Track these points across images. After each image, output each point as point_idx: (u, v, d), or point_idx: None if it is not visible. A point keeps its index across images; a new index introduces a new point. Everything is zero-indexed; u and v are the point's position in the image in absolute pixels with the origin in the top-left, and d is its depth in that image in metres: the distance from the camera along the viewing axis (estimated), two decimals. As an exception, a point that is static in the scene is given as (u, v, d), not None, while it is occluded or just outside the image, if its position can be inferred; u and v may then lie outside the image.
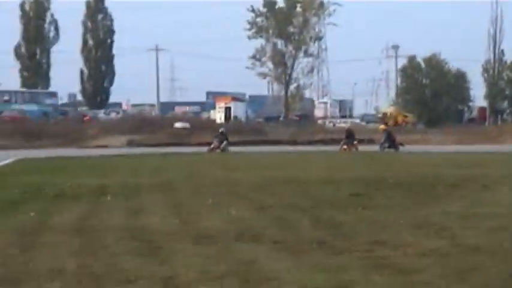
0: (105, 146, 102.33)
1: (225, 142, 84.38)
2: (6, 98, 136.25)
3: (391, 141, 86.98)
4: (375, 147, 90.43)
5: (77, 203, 31.11)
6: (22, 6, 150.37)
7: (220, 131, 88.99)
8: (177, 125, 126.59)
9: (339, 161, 62.04)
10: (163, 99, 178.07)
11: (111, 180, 42.27)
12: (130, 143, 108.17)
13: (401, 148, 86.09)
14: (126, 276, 16.13)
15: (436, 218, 25.43)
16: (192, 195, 34.27)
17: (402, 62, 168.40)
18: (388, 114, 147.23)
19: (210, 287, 15.04)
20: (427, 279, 15.59)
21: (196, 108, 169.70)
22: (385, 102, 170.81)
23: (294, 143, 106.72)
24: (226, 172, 49.58)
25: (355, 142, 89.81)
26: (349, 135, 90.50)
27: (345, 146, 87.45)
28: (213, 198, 32.28)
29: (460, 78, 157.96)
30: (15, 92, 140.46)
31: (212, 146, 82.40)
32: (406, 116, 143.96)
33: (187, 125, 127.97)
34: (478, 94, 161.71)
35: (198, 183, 40.85)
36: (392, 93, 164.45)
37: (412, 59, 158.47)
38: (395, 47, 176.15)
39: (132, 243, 20.74)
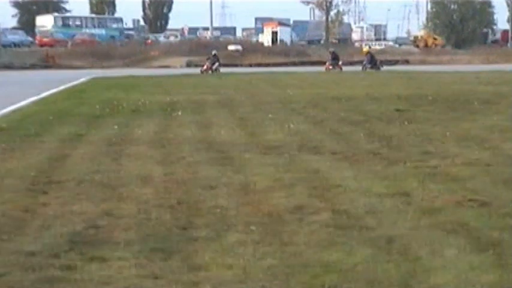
0: (167, 66, 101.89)
1: (216, 64, 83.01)
2: (77, 23, 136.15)
3: (373, 63, 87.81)
4: (409, 67, 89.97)
5: (152, 118, 31.20)
6: None
7: (213, 53, 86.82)
8: (230, 47, 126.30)
9: (378, 79, 61.42)
10: (215, 24, 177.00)
11: (178, 97, 42.16)
12: (189, 64, 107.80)
13: (382, 68, 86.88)
14: (208, 183, 16.24)
15: (477, 131, 25.38)
16: (253, 110, 34.21)
17: None
18: (419, 37, 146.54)
19: (284, 193, 15.05)
20: (478, 186, 15.58)
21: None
22: (416, 26, 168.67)
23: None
24: (279, 90, 49.31)
25: (340, 63, 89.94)
26: (334, 57, 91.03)
27: (330, 67, 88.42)
28: (272, 113, 32.27)
29: (485, 3, 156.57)
30: (86, 18, 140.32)
31: (204, 67, 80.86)
32: (435, 39, 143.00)
33: (239, 47, 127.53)
34: (502, 18, 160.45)
35: (256, 99, 40.73)
36: (423, 17, 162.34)
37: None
38: None
39: (207, 153, 20.84)
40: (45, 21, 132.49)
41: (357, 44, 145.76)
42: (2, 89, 53.09)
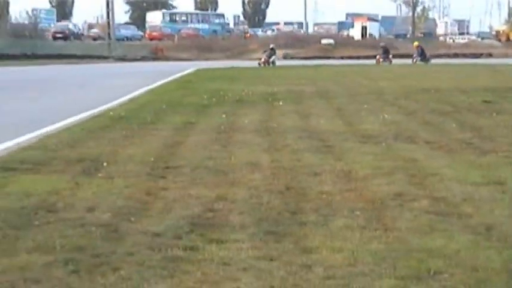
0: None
1: (273, 57, 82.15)
2: (183, 18, 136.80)
3: (423, 56, 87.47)
4: (493, 61, 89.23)
5: (255, 107, 31.25)
6: None
7: (270, 47, 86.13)
8: (324, 41, 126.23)
9: (463, 72, 60.95)
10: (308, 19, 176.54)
11: (278, 88, 42.19)
12: (285, 56, 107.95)
13: (431, 61, 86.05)
14: (312, 170, 16.19)
15: None
16: (348, 101, 34.14)
17: None
18: (501, 31, 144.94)
19: (384, 180, 14.96)
20: None
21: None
22: (498, 21, 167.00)
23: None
24: (371, 81, 49.19)
25: (390, 56, 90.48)
26: (385, 51, 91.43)
27: (381, 59, 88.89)
28: (367, 104, 32.18)
29: None
30: (191, 14, 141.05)
31: (262, 60, 79.95)
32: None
33: (331, 41, 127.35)
34: None
35: (350, 90, 40.65)
36: (504, 13, 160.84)
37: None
38: None
39: (309, 141, 20.78)
40: (154, 17, 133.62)
41: (441, 38, 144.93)
42: (118, 80, 53.66)
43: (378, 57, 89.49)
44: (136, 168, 16.46)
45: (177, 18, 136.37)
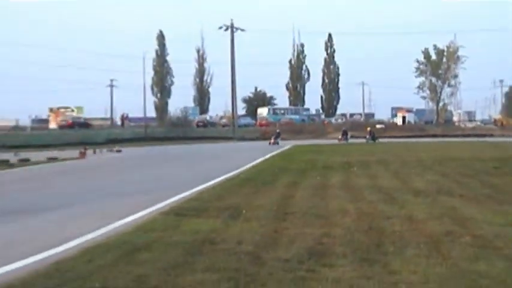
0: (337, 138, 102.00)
1: (278, 138, 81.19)
2: (282, 112, 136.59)
3: (373, 137, 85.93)
4: (493, 139, 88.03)
5: (337, 171, 31.03)
6: (290, 62, 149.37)
7: (277, 131, 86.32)
8: (378, 126, 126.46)
9: (475, 146, 60.34)
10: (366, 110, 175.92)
11: (350, 158, 42.05)
12: (351, 136, 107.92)
13: (378, 140, 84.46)
14: (385, 215, 15.96)
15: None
16: (400, 166, 33.83)
17: (505, 89, 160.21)
18: (497, 119, 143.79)
19: (436, 222, 14.70)
20: None
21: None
22: (494, 112, 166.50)
23: (443, 135, 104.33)
24: (413, 153, 48.77)
25: (348, 136, 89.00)
26: (344, 133, 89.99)
27: (341, 138, 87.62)
28: (413, 168, 31.94)
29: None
30: (287, 108, 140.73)
31: (272, 141, 78.77)
32: (508, 120, 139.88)
33: (383, 126, 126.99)
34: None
35: (400, 159, 40.26)
36: (499, 106, 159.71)
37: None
38: (501, 81, 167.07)
39: (378, 195, 20.56)
40: (262, 111, 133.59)
41: (456, 124, 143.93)
42: (241, 153, 53.81)
43: (339, 137, 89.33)
44: (265, 213, 16.35)
45: (278, 112, 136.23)
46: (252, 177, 28.57)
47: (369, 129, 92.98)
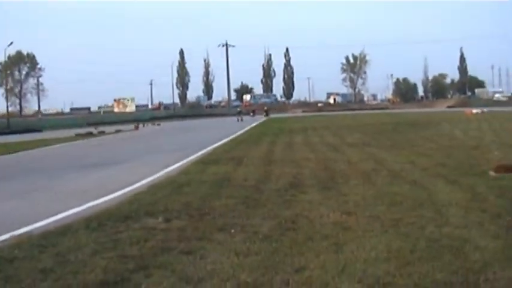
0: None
1: (255, 113, 76.98)
2: (258, 97, 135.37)
3: (266, 113, 77.43)
4: (387, 111, 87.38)
5: (298, 134, 30.87)
6: (263, 65, 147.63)
7: (252, 109, 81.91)
8: (319, 104, 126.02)
9: (378, 116, 59.77)
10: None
11: (305, 125, 41.77)
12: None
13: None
14: (333, 159, 15.98)
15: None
16: (337, 130, 33.72)
17: (394, 80, 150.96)
18: (390, 99, 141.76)
19: (365, 163, 14.74)
20: None
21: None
22: (388, 94, 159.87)
23: (359, 109, 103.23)
24: (342, 121, 48.43)
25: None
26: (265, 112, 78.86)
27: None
28: (345, 130, 31.88)
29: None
30: (261, 95, 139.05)
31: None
32: (396, 100, 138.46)
33: (322, 104, 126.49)
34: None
35: (335, 125, 40.12)
36: (390, 91, 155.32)
37: None
38: (391, 74, 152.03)
39: (327, 147, 20.55)
40: (246, 97, 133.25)
41: (366, 102, 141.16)
42: (236, 124, 52.75)
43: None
44: (258, 161, 16.34)
45: (256, 97, 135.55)
46: (245, 139, 28.57)
47: (265, 108, 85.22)
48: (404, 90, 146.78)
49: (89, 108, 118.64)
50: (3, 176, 15.94)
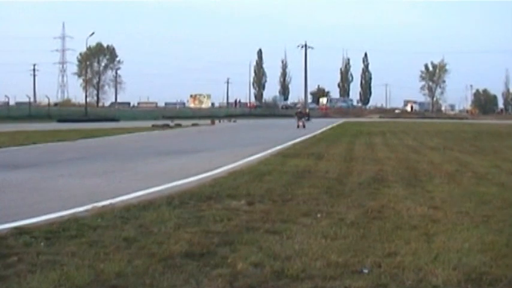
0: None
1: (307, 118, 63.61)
2: (335, 100, 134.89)
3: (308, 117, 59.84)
4: (466, 121, 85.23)
5: (377, 136, 30.55)
6: (341, 69, 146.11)
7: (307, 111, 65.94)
8: (396, 111, 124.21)
9: (457, 125, 58.73)
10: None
11: (383, 129, 41.38)
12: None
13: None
14: (415, 160, 15.65)
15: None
16: (416, 135, 33.21)
17: (473, 91, 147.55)
18: (468, 109, 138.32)
19: (449, 165, 14.40)
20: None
21: None
22: (467, 105, 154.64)
23: (436, 117, 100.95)
24: (421, 127, 47.69)
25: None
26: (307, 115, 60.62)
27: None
28: (424, 136, 31.30)
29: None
30: (337, 99, 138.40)
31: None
32: (475, 111, 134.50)
33: (399, 111, 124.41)
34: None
35: (415, 131, 39.51)
36: (469, 101, 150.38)
37: None
38: (471, 85, 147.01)
39: (407, 149, 20.22)
40: (323, 100, 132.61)
41: (443, 111, 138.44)
42: (312, 125, 52.36)
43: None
44: (338, 157, 16.23)
45: (332, 100, 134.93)
46: (323, 137, 28.41)
47: (307, 110, 71.54)
48: (483, 102, 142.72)
49: (156, 104, 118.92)
50: (86, 157, 16.34)
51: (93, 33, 71.78)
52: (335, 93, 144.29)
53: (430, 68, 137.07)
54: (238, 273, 4.81)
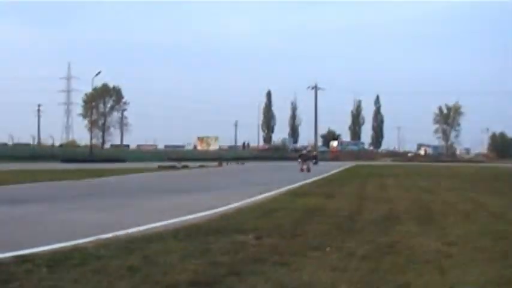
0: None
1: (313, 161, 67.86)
2: (346, 144, 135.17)
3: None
4: (482, 165, 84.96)
5: (389, 178, 30.38)
6: (352, 112, 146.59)
7: (314, 153, 77.55)
8: (409, 154, 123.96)
9: (473, 168, 57.72)
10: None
11: (396, 171, 41.26)
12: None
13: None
14: (429, 200, 15.54)
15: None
16: (430, 177, 32.82)
17: (490, 134, 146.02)
18: (484, 153, 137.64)
19: (464, 205, 14.26)
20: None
21: None
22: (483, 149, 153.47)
23: (451, 161, 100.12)
24: (435, 170, 47.18)
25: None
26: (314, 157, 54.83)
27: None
28: (439, 177, 31.07)
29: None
30: (349, 141, 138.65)
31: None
32: (491, 154, 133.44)
33: (412, 154, 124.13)
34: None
35: (428, 173, 39.25)
36: (485, 145, 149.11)
37: None
38: (487, 128, 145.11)
39: (420, 190, 20.13)
40: (333, 143, 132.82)
41: (458, 155, 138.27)
42: (322, 167, 52.30)
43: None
44: (349, 197, 16.16)
45: (343, 143, 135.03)
46: (334, 179, 28.37)
47: (314, 153, 66.16)
48: (500, 146, 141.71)
49: (155, 146, 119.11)
50: (92, 194, 16.40)
51: (99, 72, 70.24)
52: (346, 136, 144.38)
53: (445, 111, 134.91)
54: (245, 301, 4.78)
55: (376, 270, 6.12)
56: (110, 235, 8.03)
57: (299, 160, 41.63)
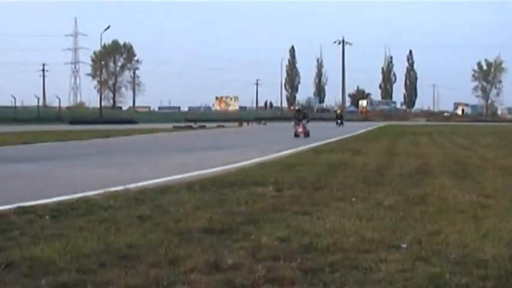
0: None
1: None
2: (376, 103, 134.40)
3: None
4: None
5: (423, 136, 30.29)
6: (383, 69, 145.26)
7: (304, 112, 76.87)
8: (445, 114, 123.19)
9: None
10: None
11: (429, 130, 41.11)
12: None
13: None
14: (465, 155, 15.50)
15: None
16: (466, 135, 32.80)
17: None
18: None
19: (503, 160, 14.19)
20: None
21: None
22: None
23: (492, 121, 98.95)
24: (472, 129, 47.15)
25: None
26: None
27: None
28: (476, 135, 30.96)
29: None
30: (379, 101, 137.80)
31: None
32: None
33: (448, 114, 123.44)
34: None
35: (465, 132, 39.09)
36: None
37: None
38: None
39: (456, 146, 20.09)
40: (362, 102, 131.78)
41: (500, 115, 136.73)
42: (350, 127, 52.29)
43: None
44: (378, 153, 16.26)
45: (373, 103, 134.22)
46: (362, 137, 28.43)
47: (338, 111, 69.07)
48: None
49: (179, 108, 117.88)
50: (101, 153, 16.57)
51: (108, 27, 67.22)
52: (376, 95, 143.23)
53: (484, 67, 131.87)
54: (262, 246, 4.79)
55: (404, 219, 6.11)
56: (119, 188, 8.09)
57: (294, 120, 32.10)
